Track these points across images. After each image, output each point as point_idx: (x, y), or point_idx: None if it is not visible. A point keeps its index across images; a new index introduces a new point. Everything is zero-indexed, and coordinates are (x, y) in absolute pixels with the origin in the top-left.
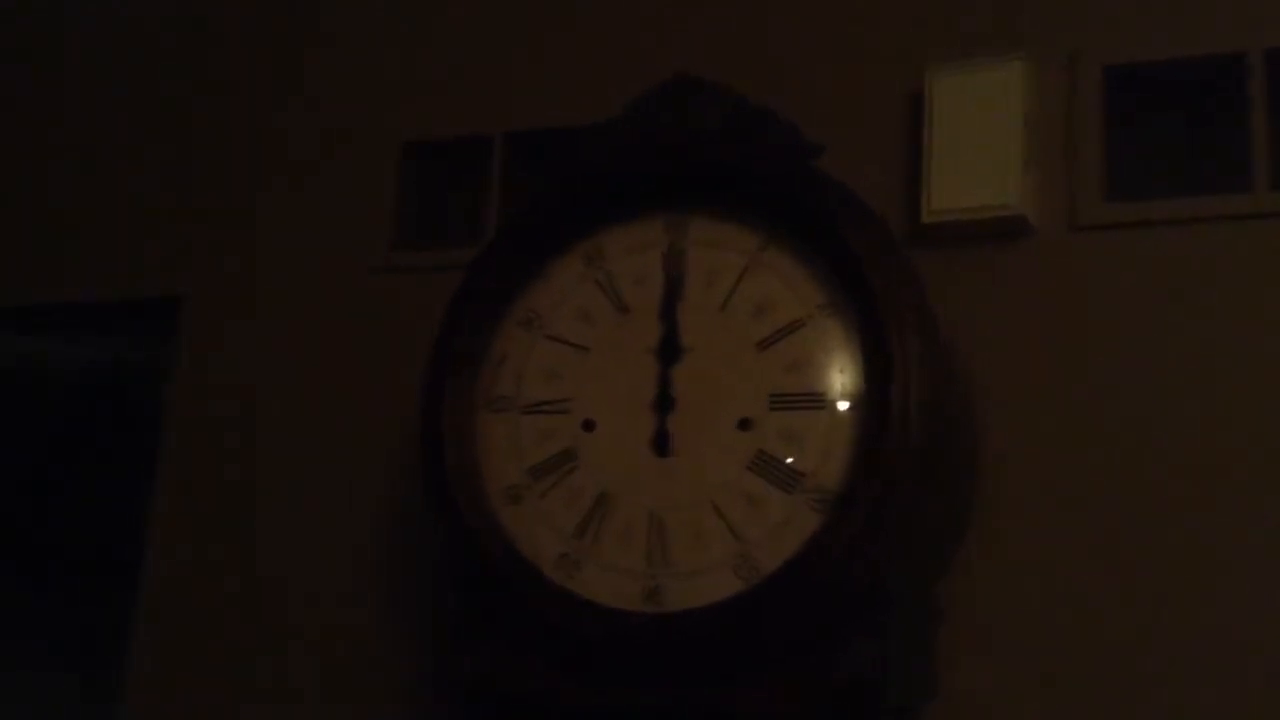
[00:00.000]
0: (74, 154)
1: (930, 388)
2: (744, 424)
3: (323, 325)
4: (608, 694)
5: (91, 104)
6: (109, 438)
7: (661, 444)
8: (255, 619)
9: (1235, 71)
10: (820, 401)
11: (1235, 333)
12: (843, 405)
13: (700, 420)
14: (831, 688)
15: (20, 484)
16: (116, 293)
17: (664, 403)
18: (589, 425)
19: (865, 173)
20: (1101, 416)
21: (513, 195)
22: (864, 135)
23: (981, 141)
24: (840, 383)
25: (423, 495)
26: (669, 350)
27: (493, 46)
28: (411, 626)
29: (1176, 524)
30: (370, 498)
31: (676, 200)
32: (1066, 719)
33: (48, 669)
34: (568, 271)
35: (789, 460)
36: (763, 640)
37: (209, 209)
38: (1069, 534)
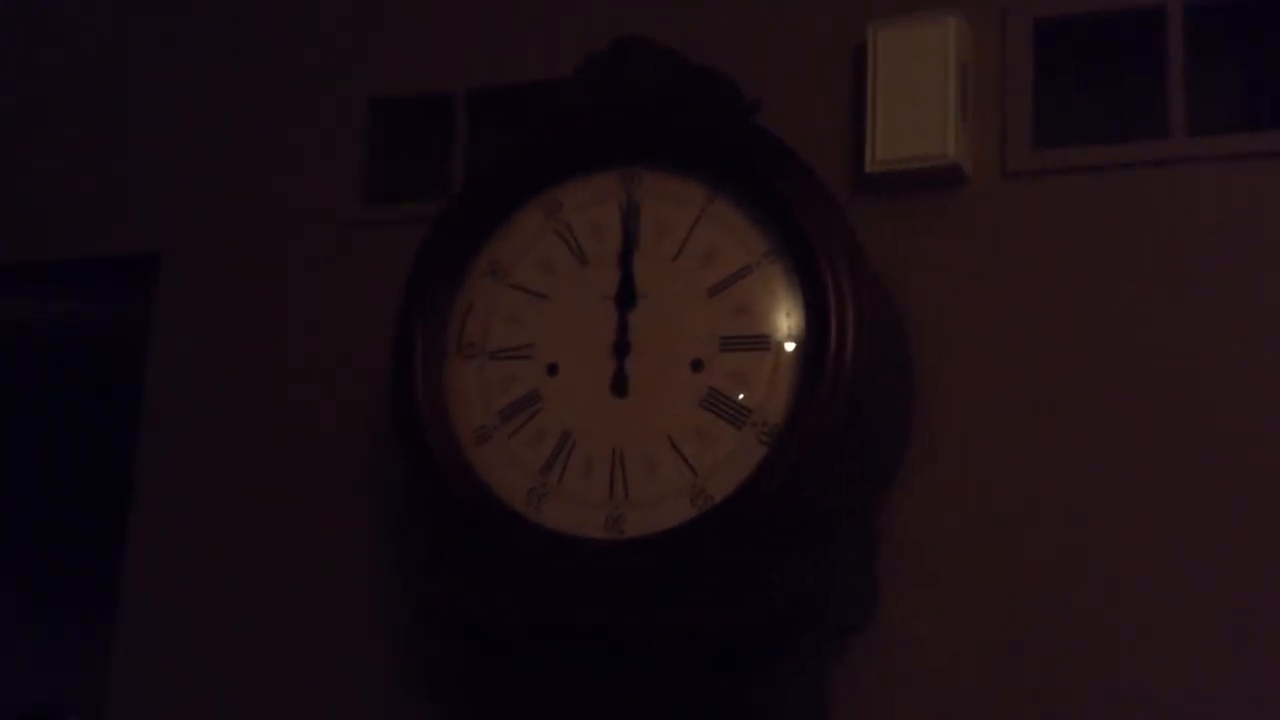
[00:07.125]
0: (48, 113)
1: (865, 327)
2: (696, 365)
3: (297, 279)
4: (572, 616)
5: (65, 64)
6: (89, 393)
7: (620, 385)
8: (235, 566)
9: (1155, 23)
10: (766, 343)
11: (1153, 271)
12: (789, 346)
13: (655, 362)
14: (774, 607)
15: None
16: (93, 250)
17: (622, 347)
18: (553, 369)
19: (811, 125)
20: (1031, 352)
21: (476, 150)
22: (810, 89)
23: (920, 93)
24: (786, 325)
25: (396, 438)
26: (626, 297)
27: (457, 4)
28: (384, 565)
29: (1106, 455)
30: (344, 445)
31: (629, 155)
32: (1000, 643)
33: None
34: (529, 223)
35: (739, 396)
36: (712, 562)
37: (183, 167)
38: (1002, 465)
